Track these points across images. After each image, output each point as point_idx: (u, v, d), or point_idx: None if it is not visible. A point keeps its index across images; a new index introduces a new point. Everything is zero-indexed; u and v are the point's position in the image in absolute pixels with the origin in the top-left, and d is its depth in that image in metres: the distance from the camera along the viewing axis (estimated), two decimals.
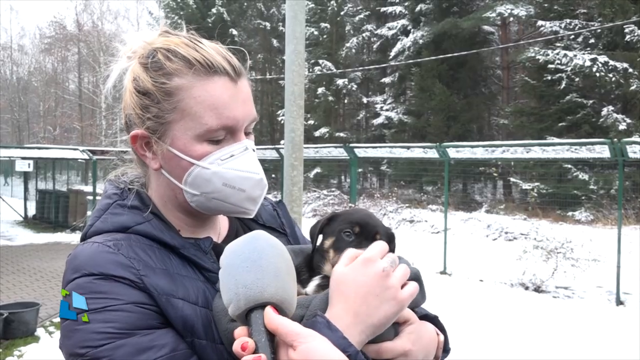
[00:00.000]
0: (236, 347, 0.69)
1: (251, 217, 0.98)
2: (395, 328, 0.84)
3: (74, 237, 13.14)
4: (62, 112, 42.79)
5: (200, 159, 0.90)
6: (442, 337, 0.95)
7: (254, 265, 0.73)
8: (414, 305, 0.90)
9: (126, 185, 0.99)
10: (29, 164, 14.82)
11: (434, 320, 0.98)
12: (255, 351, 0.69)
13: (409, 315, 0.87)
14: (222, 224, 1.08)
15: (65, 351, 0.82)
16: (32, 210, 17.00)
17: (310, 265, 0.95)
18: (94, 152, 14.95)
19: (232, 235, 1.06)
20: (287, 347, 0.70)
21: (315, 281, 0.91)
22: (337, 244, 0.92)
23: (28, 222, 16.31)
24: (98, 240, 0.87)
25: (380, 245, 0.81)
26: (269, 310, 0.72)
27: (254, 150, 0.96)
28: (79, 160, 17.09)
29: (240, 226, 1.10)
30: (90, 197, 13.79)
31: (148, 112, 0.92)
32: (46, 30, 44.36)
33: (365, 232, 0.92)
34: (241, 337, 0.70)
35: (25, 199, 17.41)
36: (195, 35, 0.97)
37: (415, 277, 0.87)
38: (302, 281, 0.91)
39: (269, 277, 0.73)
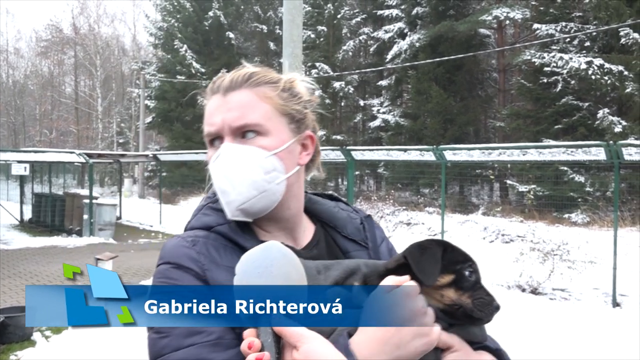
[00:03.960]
0: (243, 346, 0.76)
1: (231, 220, 1.02)
2: (437, 355, 0.84)
3: (70, 241, 13.08)
4: (58, 116, 42.73)
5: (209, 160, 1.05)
6: None
7: (266, 271, 0.80)
8: (473, 339, 0.90)
9: None
10: (25, 168, 14.74)
11: (495, 352, 0.95)
12: (261, 350, 0.75)
13: (453, 342, 0.87)
14: (307, 232, 1.11)
15: None
16: (28, 214, 16.91)
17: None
18: (90, 156, 14.92)
19: (313, 242, 1.09)
20: (291, 348, 0.75)
21: None
22: (461, 283, 0.89)
23: (24, 226, 16.23)
24: (182, 236, 1.00)
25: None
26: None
27: (234, 153, 0.98)
28: (75, 163, 17.01)
29: (323, 235, 1.13)
30: (87, 201, 13.67)
31: None
32: (42, 34, 44.27)
33: (478, 271, 0.92)
34: (249, 337, 0.76)
35: (22, 202, 17.33)
36: (246, 67, 1.07)
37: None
38: None
39: (279, 283, 0.79)
